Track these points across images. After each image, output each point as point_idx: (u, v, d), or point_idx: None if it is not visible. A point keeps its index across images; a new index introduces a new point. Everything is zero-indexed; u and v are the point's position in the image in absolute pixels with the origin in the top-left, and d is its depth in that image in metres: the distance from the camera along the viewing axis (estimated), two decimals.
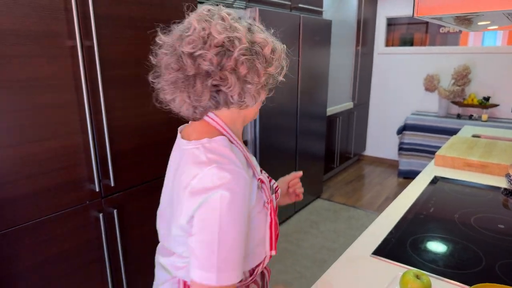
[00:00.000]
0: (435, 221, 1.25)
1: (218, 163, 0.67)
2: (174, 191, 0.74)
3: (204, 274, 0.65)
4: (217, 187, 0.64)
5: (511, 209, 1.36)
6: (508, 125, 3.45)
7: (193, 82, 0.68)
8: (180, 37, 0.69)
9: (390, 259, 1.01)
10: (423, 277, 0.81)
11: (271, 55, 0.71)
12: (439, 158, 1.83)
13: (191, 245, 0.67)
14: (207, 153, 0.69)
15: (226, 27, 0.67)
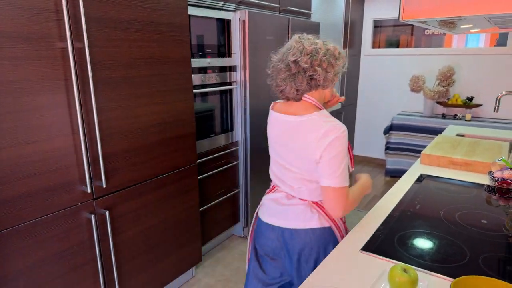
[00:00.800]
0: (421, 217, 1.29)
1: (333, 120, 1.14)
2: (301, 146, 1.16)
3: (336, 180, 1.12)
4: (338, 129, 1.11)
5: (494, 205, 1.41)
6: (490, 124, 3.56)
7: (296, 76, 1.16)
8: (286, 53, 1.19)
9: (378, 254, 1.05)
10: (410, 271, 0.85)
11: (338, 55, 1.19)
12: (424, 156, 1.89)
13: (324, 167, 1.12)
14: (324, 117, 1.15)
15: (311, 42, 1.18)
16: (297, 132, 1.17)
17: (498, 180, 1.57)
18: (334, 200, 1.13)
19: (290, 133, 1.20)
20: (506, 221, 1.27)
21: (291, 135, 1.19)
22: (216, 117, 2.46)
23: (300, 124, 1.17)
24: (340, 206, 1.13)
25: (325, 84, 1.18)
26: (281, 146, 1.24)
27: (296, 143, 1.18)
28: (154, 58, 1.75)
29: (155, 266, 1.97)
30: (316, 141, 1.12)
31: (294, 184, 1.24)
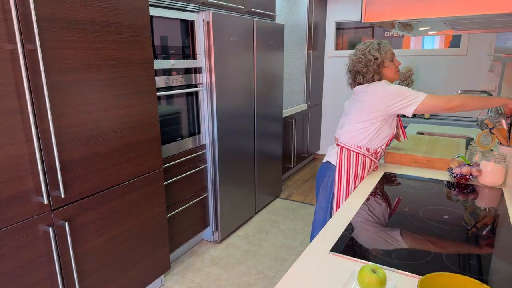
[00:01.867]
0: (387, 215, 1.32)
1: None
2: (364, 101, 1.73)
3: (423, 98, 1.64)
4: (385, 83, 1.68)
5: (454, 200, 1.47)
6: (447, 122, 3.73)
7: (367, 68, 1.73)
8: (360, 53, 1.77)
9: (347, 255, 1.05)
10: (379, 270, 0.86)
11: (387, 49, 1.73)
12: (388, 155, 1.94)
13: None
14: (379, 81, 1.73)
15: (373, 46, 1.75)
16: (357, 99, 1.83)
17: (457, 176, 1.64)
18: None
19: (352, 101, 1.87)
20: (465, 215, 1.32)
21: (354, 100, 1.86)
22: (182, 120, 2.40)
23: (366, 90, 1.77)
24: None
25: (383, 71, 1.79)
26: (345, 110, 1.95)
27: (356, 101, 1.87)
28: (113, 60, 1.67)
29: (122, 277, 1.88)
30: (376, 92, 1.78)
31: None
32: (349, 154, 1.74)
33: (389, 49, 1.74)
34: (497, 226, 1.24)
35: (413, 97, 1.60)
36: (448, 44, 4.12)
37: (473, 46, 3.87)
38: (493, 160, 1.57)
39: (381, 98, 1.64)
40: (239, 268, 2.48)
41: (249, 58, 2.84)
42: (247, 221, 3.18)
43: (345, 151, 1.74)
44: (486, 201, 1.45)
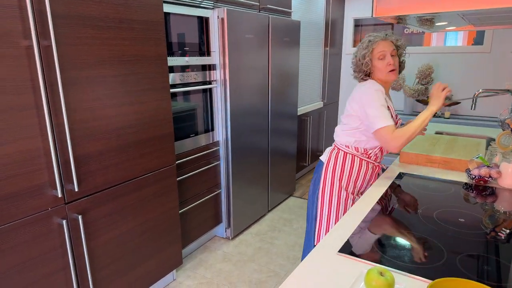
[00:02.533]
0: (400, 216, 1.29)
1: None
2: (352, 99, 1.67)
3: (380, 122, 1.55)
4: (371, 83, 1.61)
5: (471, 202, 1.42)
6: (468, 122, 3.62)
7: (356, 67, 1.68)
8: (355, 51, 1.69)
9: (355, 256, 1.03)
10: (386, 274, 0.83)
11: (375, 47, 1.62)
12: (403, 155, 1.89)
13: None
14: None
15: (363, 43, 1.65)
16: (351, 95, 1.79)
17: (475, 178, 1.58)
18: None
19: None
20: (484, 219, 1.27)
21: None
22: (196, 116, 2.41)
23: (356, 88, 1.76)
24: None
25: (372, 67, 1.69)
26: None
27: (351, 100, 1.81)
28: (127, 56, 1.69)
29: (134, 271, 1.91)
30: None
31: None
32: (337, 152, 1.73)
33: (377, 45, 1.60)
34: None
35: (374, 119, 1.53)
36: (472, 41, 3.99)
37: (498, 43, 3.73)
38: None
39: (356, 100, 1.61)
40: (250, 265, 2.48)
41: (263, 55, 2.82)
42: (260, 219, 3.17)
43: (336, 149, 1.75)
44: (506, 204, 1.39)
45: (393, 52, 1.60)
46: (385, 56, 1.58)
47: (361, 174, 1.70)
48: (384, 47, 1.59)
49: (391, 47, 1.59)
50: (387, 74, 1.59)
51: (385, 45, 1.59)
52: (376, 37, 1.61)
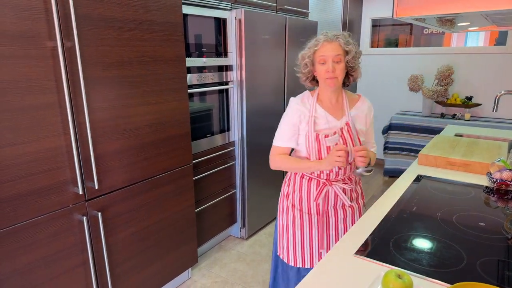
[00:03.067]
0: (418, 219, 1.27)
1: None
2: None
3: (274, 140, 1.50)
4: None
5: (492, 206, 1.39)
6: (489, 124, 3.53)
7: (300, 70, 1.50)
8: (307, 46, 1.46)
9: (372, 258, 1.02)
10: (404, 276, 0.82)
11: (319, 48, 1.40)
12: (422, 157, 1.86)
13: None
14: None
15: (310, 41, 1.44)
16: None
17: (497, 181, 1.55)
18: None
19: None
20: (505, 223, 1.24)
21: None
22: (213, 117, 2.43)
23: None
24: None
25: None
26: None
27: None
28: (147, 57, 1.72)
29: (150, 268, 1.94)
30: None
31: None
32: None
33: (321, 47, 1.37)
34: None
35: (275, 135, 1.51)
36: (494, 42, 3.89)
37: None
38: None
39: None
40: (264, 266, 2.48)
41: (280, 56, 2.83)
42: (274, 220, 3.17)
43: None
44: None
45: (338, 58, 1.35)
46: (325, 61, 1.36)
47: (303, 192, 1.51)
48: (327, 50, 1.36)
49: (337, 52, 1.35)
50: (324, 81, 1.40)
51: (329, 48, 1.35)
52: (324, 37, 1.38)
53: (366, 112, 1.51)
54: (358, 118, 1.49)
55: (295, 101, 1.46)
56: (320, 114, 1.44)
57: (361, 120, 1.49)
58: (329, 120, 1.44)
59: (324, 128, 1.44)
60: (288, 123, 1.46)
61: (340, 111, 1.47)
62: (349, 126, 1.44)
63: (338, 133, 1.43)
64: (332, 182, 1.49)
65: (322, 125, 1.43)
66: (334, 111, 1.46)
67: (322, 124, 1.43)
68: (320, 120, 1.43)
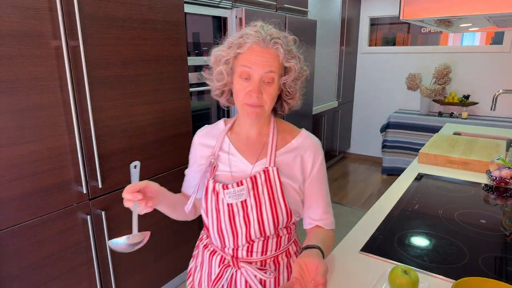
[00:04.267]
0: (420, 217, 1.29)
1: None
2: None
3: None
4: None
5: (492, 204, 1.41)
6: (486, 122, 3.57)
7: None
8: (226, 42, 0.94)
9: (378, 255, 1.04)
10: (411, 272, 0.84)
11: (243, 51, 0.91)
12: (422, 155, 1.88)
13: None
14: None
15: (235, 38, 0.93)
16: None
17: (496, 179, 1.57)
18: None
19: None
20: (504, 220, 1.27)
21: None
22: (214, 115, 2.44)
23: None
24: None
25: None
26: None
27: None
28: (149, 56, 1.72)
29: (153, 266, 1.95)
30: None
31: None
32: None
33: (246, 52, 0.86)
34: None
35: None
36: (490, 41, 3.93)
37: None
38: None
39: None
40: None
41: None
42: None
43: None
44: None
45: (270, 78, 0.86)
46: (250, 76, 0.86)
47: (204, 270, 1.05)
48: (256, 61, 0.85)
49: (270, 67, 0.86)
50: (242, 107, 0.90)
51: (260, 58, 0.85)
52: (255, 36, 0.86)
53: (306, 156, 0.96)
54: (288, 165, 0.95)
55: (198, 134, 1.04)
56: (224, 152, 0.97)
57: (295, 169, 0.95)
58: (236, 162, 0.95)
59: (224, 173, 0.95)
60: (190, 165, 1.05)
61: (258, 151, 0.96)
62: (267, 174, 0.91)
63: (247, 185, 0.91)
64: (240, 263, 0.96)
65: (223, 169, 0.95)
66: (249, 151, 0.96)
67: (223, 167, 0.95)
68: (223, 160, 0.96)
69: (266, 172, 0.92)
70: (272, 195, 0.92)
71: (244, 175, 0.94)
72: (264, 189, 0.91)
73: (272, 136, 0.97)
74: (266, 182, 0.91)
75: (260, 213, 0.92)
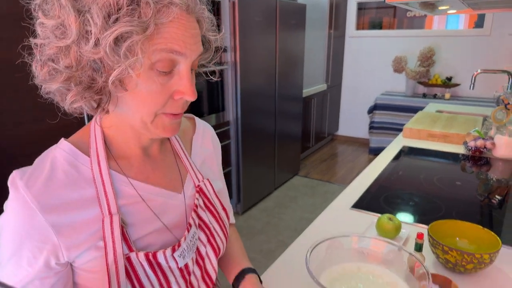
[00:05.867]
0: (403, 181, 1.44)
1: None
2: None
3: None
4: None
5: (468, 171, 1.57)
6: (467, 103, 3.75)
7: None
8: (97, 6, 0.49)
9: (367, 210, 1.18)
10: (394, 219, 0.98)
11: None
12: (406, 130, 2.03)
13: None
14: None
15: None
16: None
17: (472, 149, 1.73)
18: None
19: None
20: (479, 186, 1.42)
21: None
22: (207, 97, 2.54)
23: None
24: None
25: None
26: None
27: None
28: None
29: None
30: None
31: None
32: None
33: (172, 23, 0.49)
34: (508, 195, 1.34)
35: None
36: (473, 25, 4.08)
37: (497, 26, 3.83)
38: (507, 134, 1.65)
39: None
40: (260, 237, 2.65)
41: (271, 38, 2.93)
42: (266, 196, 3.34)
43: None
44: (498, 173, 1.54)
45: (196, 63, 0.57)
46: (174, 66, 0.53)
47: None
48: (187, 41, 0.51)
49: (199, 47, 0.55)
50: (155, 124, 0.55)
51: (188, 33, 0.52)
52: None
53: (212, 145, 0.77)
54: (208, 165, 0.75)
55: (20, 202, 0.51)
56: (128, 196, 0.58)
57: (212, 165, 0.76)
58: (159, 205, 0.61)
59: (151, 233, 0.59)
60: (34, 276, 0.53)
61: (167, 169, 0.66)
62: (203, 193, 0.68)
63: (194, 226, 0.64)
64: None
65: (146, 228, 0.59)
66: (158, 177, 0.63)
67: (144, 226, 0.59)
68: (133, 211, 0.58)
69: (201, 191, 0.67)
70: (216, 214, 0.68)
71: (180, 214, 0.64)
72: (208, 214, 0.67)
73: (176, 140, 0.69)
74: (205, 204, 0.67)
75: (216, 244, 0.67)
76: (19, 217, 0.51)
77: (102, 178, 0.55)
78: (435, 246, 0.86)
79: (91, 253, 0.53)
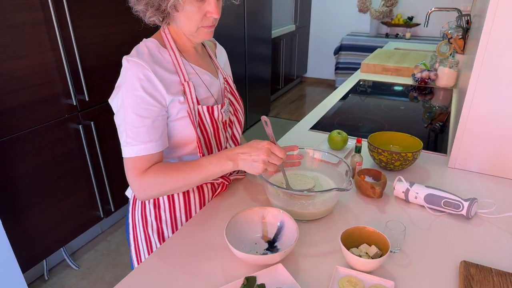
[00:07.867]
0: (355, 108, 1.65)
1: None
2: None
3: (124, 149, 0.82)
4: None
5: (414, 101, 1.80)
6: (425, 42, 3.97)
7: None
8: None
9: (322, 130, 1.39)
10: (342, 133, 1.19)
11: None
12: (364, 65, 2.22)
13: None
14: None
15: None
16: None
17: (418, 80, 1.95)
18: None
19: None
20: (423, 113, 1.66)
21: None
22: None
23: None
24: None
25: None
26: None
27: None
28: None
29: None
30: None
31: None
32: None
33: None
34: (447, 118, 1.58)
35: (123, 135, 0.82)
36: None
37: None
38: (448, 65, 1.87)
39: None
40: None
41: None
42: None
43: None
44: (439, 101, 1.78)
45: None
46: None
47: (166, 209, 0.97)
48: None
49: None
50: (198, 32, 0.85)
51: None
52: None
53: (226, 58, 1.12)
54: (226, 69, 1.08)
55: (134, 65, 0.80)
56: (191, 73, 0.90)
57: (228, 71, 1.09)
58: (207, 81, 0.93)
59: (206, 97, 0.91)
60: (136, 113, 0.80)
61: (208, 64, 0.98)
62: (228, 83, 1.02)
63: (225, 96, 0.98)
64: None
65: (203, 93, 0.90)
66: (207, 66, 0.96)
67: (202, 92, 0.90)
68: (197, 83, 0.90)
69: (227, 82, 1.01)
70: (238, 98, 1.04)
71: (218, 90, 0.96)
72: (231, 97, 1.01)
73: (207, 47, 1.01)
74: (230, 91, 1.01)
75: (240, 116, 1.04)
76: (138, 73, 0.80)
77: (178, 60, 0.87)
78: (372, 150, 1.08)
79: (175, 104, 0.85)
